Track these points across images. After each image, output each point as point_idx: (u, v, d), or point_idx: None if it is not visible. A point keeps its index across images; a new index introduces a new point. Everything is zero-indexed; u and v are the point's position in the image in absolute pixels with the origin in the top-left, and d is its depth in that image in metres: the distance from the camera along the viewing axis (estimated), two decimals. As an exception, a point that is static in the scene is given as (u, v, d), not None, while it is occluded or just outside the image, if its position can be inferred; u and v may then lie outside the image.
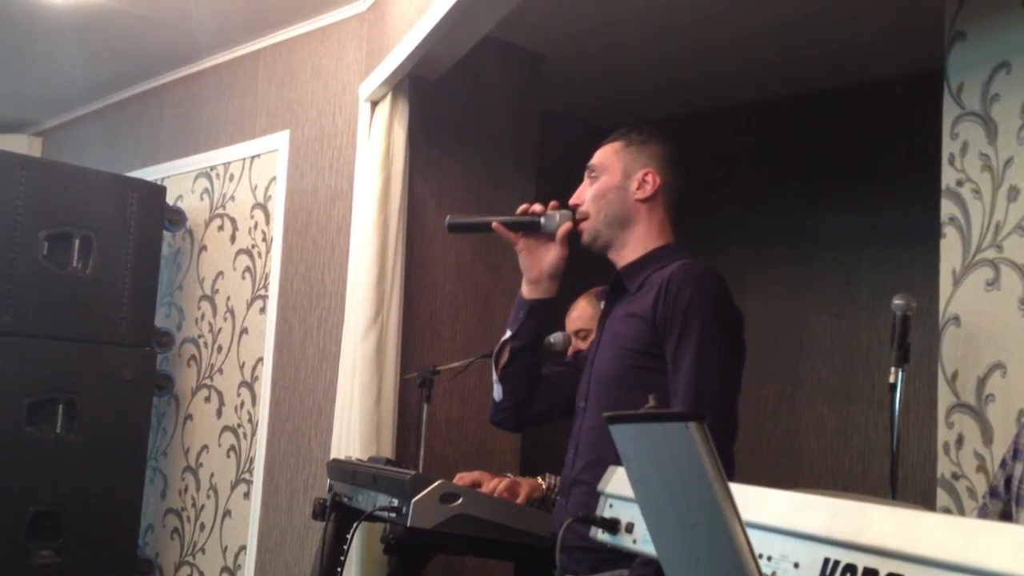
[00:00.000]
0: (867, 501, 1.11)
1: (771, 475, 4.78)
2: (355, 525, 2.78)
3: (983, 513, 2.26)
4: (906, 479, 3.77)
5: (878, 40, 3.97)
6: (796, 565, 1.03)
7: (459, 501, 2.55)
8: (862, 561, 1.02)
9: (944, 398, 2.67)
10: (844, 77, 4.40)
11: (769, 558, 1.06)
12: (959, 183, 2.69)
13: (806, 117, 4.66)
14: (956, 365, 2.64)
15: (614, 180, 2.25)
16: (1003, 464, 2.24)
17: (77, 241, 4.33)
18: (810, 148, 4.68)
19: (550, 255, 2.30)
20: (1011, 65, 2.57)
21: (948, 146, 2.73)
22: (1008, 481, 2.20)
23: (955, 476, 2.62)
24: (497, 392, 2.37)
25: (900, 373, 2.60)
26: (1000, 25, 2.61)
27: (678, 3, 3.81)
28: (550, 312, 2.36)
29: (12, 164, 4.20)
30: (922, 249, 3.60)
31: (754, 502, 1.13)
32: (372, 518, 2.74)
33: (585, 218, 2.25)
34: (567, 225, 2.26)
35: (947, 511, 2.63)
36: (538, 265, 2.31)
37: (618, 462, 2.03)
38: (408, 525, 2.49)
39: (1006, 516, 2.27)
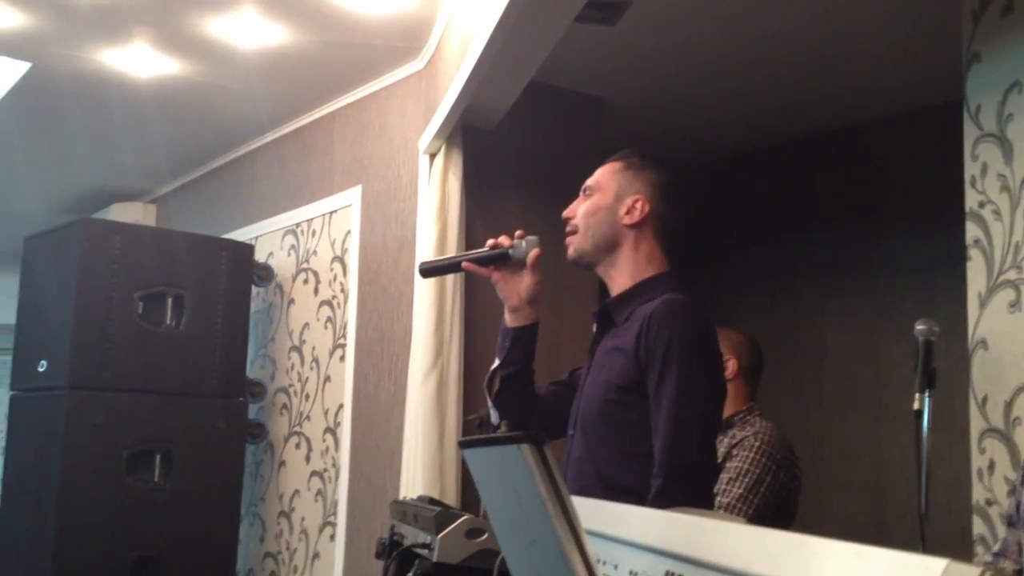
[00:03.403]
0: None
1: (858, 508, 4.69)
2: (389, 561, 2.88)
3: (1005, 546, 2.22)
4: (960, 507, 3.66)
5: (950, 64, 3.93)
6: (633, 573, 1.10)
7: (485, 536, 2.61)
8: (699, 575, 1.07)
9: (976, 423, 2.63)
10: (906, 104, 4.36)
11: (616, 566, 1.13)
12: (981, 205, 2.66)
13: (873, 145, 4.62)
14: (986, 389, 2.60)
15: (606, 200, 2.28)
16: (1014, 490, 2.21)
17: (170, 300, 4.61)
18: (881, 176, 4.63)
19: (525, 282, 2.33)
20: (1023, 84, 2.55)
21: (969, 168, 2.72)
22: (1019, 507, 2.16)
23: (988, 502, 2.57)
24: (494, 416, 2.44)
25: (926, 399, 2.57)
26: (1012, 45, 2.59)
27: (733, 37, 3.86)
28: (535, 337, 2.39)
29: (107, 232, 4.52)
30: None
31: (610, 517, 1.19)
32: (411, 555, 2.84)
33: (574, 232, 2.29)
34: (535, 252, 2.32)
35: (983, 539, 2.58)
36: (515, 294, 2.34)
37: (603, 491, 2.10)
38: (435, 560, 2.57)
39: None
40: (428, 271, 2.54)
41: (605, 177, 2.32)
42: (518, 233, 2.37)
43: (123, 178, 6.38)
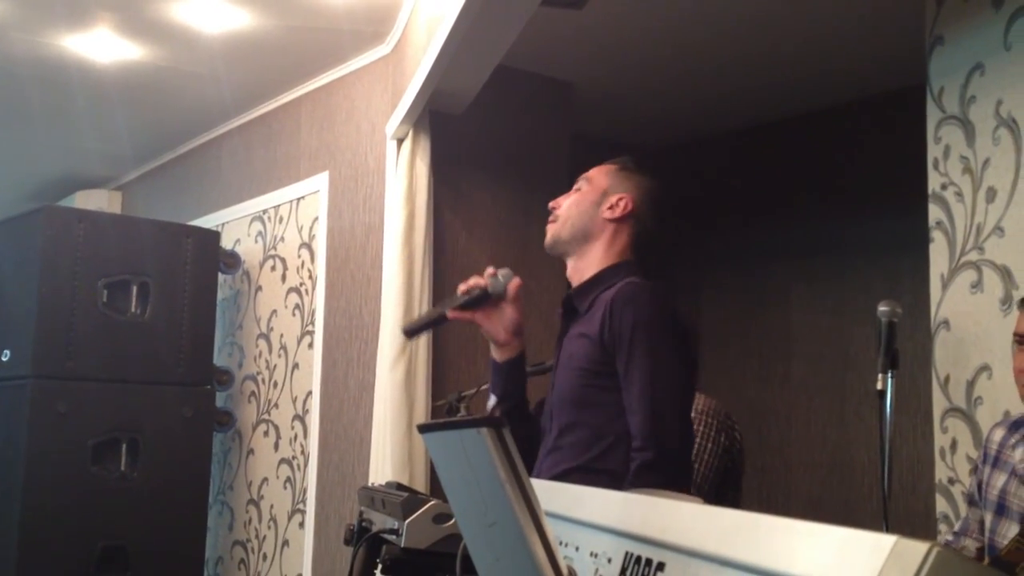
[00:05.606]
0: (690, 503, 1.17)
1: (824, 487, 4.73)
2: (357, 546, 2.87)
3: (966, 524, 2.25)
4: (926, 486, 3.70)
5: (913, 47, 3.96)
6: (593, 554, 1.10)
7: (452, 521, 2.61)
8: (656, 555, 1.07)
9: (938, 403, 2.65)
10: (871, 88, 4.38)
11: (577, 548, 1.14)
12: (943, 187, 2.68)
13: (840, 129, 4.64)
14: (948, 369, 2.63)
15: (593, 195, 2.30)
16: (975, 470, 2.24)
17: (135, 288, 4.56)
18: (847, 160, 4.66)
19: (507, 316, 2.29)
20: (985, 67, 2.57)
21: (932, 150, 2.73)
22: (980, 486, 2.19)
23: (951, 481, 2.60)
24: None
25: (889, 379, 2.59)
26: (974, 28, 2.61)
27: (700, 21, 3.86)
28: (525, 364, 2.39)
29: (70, 219, 4.47)
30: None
31: (570, 499, 1.19)
32: (379, 540, 2.84)
33: (555, 221, 2.30)
34: (516, 282, 2.29)
35: (946, 517, 2.61)
36: (500, 329, 2.30)
37: (580, 475, 2.11)
38: (402, 546, 2.57)
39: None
40: (412, 331, 2.49)
41: (598, 175, 2.34)
42: (489, 271, 2.30)
43: (87, 165, 6.31)
